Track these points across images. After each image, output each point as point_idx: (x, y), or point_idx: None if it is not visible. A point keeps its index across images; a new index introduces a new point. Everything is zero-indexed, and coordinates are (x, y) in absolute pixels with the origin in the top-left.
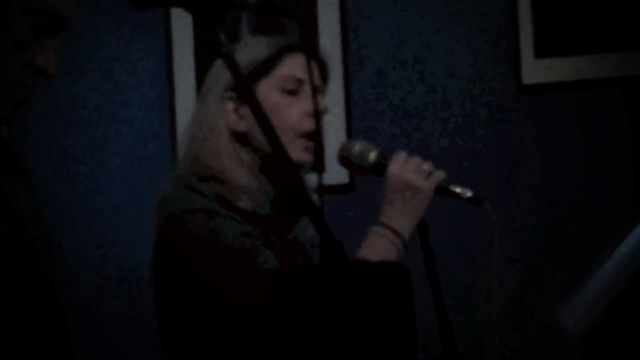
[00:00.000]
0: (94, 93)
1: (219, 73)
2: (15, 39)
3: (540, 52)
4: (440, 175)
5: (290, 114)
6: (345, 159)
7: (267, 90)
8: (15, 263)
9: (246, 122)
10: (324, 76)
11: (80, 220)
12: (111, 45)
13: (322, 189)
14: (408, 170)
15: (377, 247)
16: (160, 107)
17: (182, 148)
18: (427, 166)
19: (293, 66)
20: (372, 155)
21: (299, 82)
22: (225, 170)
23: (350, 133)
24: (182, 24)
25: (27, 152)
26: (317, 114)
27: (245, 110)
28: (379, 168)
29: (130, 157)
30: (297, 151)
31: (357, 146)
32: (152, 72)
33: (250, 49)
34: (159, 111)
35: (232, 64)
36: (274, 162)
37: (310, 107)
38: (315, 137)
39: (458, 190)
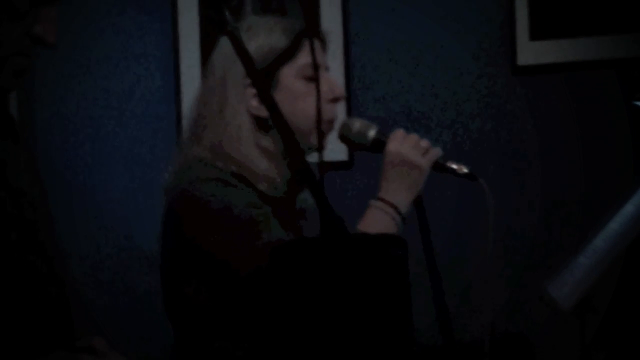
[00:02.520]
0: (100, 79)
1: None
2: (12, 7)
3: (535, 34)
4: (437, 151)
5: (313, 102)
6: (345, 136)
7: (290, 78)
8: (11, 233)
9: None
10: (325, 52)
11: (81, 203)
12: (117, 31)
13: (322, 166)
14: (406, 147)
15: (376, 221)
16: (166, 92)
17: (193, 133)
18: (424, 143)
19: (307, 52)
20: (371, 133)
21: (316, 67)
22: (245, 159)
23: (350, 112)
24: (188, 10)
25: (33, 136)
26: (337, 100)
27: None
28: (378, 145)
29: (135, 141)
30: (315, 136)
31: (357, 124)
32: (159, 57)
33: (266, 35)
34: (164, 96)
35: (237, 44)
36: (286, 147)
37: (330, 93)
38: (333, 122)
39: (454, 166)
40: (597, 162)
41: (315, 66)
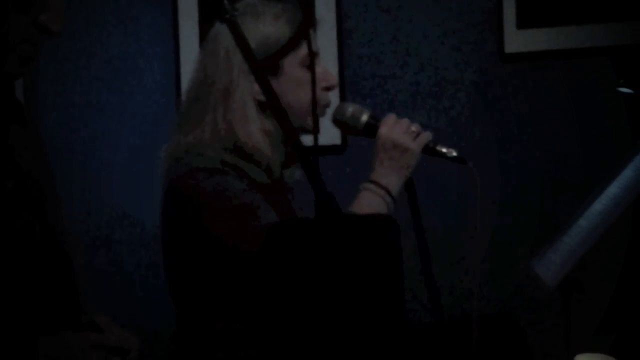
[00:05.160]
0: (102, 68)
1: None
2: None
3: (522, 23)
4: (427, 135)
5: (311, 89)
6: (338, 120)
7: (293, 67)
8: (18, 213)
9: None
10: (316, 37)
11: (82, 186)
12: (120, 23)
13: (316, 149)
14: (397, 131)
15: (368, 202)
16: (166, 82)
17: (192, 113)
18: (415, 127)
19: (309, 43)
20: (364, 117)
21: (313, 56)
22: (252, 138)
23: (344, 98)
24: (188, 2)
25: (39, 121)
26: (331, 88)
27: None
28: (370, 129)
29: (134, 121)
30: (311, 120)
31: (350, 108)
32: (158, 36)
33: (272, 24)
34: (165, 86)
35: (237, 34)
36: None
37: (325, 82)
38: (327, 107)
39: (444, 150)
40: (584, 147)
41: (312, 55)
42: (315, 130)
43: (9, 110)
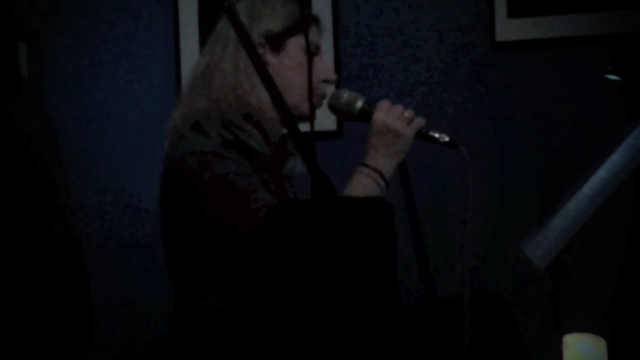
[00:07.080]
0: (103, 45)
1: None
2: None
3: (513, 12)
4: (420, 121)
5: (310, 76)
6: (334, 106)
7: (295, 49)
8: (23, 184)
9: (271, 69)
10: (321, 37)
11: (83, 159)
12: (122, 18)
13: (313, 134)
14: (391, 116)
15: (363, 186)
16: (167, 73)
17: (199, 84)
18: (408, 113)
19: (313, 33)
20: (359, 103)
21: (316, 47)
22: (262, 104)
23: (339, 85)
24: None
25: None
26: (329, 82)
27: (271, 59)
28: (365, 115)
29: (134, 114)
30: (307, 106)
31: (346, 95)
32: (159, 31)
33: (276, 11)
34: (165, 79)
35: (234, 19)
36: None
37: (323, 75)
38: (324, 98)
39: (436, 135)
40: (577, 135)
41: (308, 44)
42: (311, 117)
43: (14, 85)
